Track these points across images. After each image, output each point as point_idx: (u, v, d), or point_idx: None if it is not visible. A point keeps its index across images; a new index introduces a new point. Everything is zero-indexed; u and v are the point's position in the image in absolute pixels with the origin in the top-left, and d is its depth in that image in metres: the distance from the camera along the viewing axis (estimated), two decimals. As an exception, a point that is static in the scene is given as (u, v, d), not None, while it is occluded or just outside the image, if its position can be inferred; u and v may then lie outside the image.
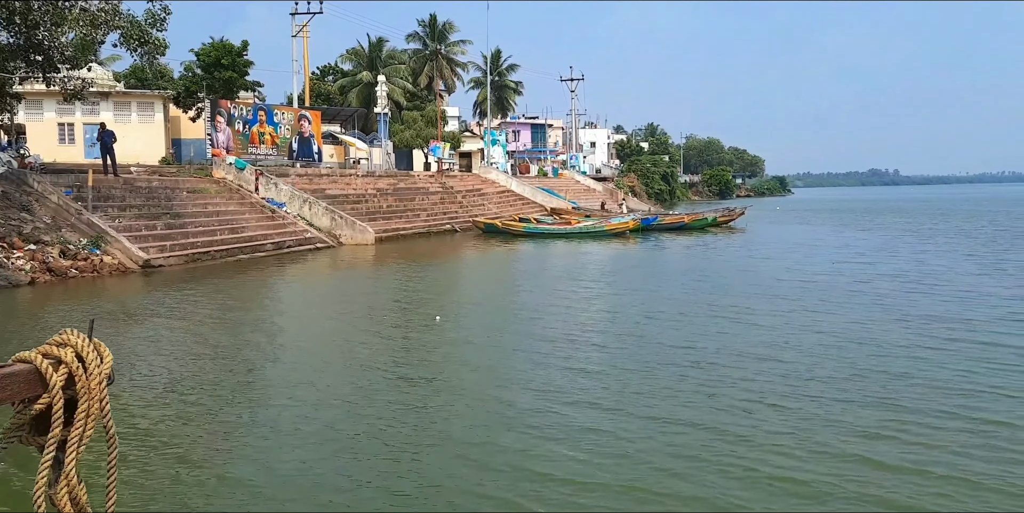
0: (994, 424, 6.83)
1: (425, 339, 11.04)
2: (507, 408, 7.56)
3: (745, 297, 14.17)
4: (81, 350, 1.78)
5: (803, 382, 8.27)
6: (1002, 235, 30.77)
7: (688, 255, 24.71)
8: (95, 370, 1.78)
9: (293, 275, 19.74)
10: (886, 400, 7.54)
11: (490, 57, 71.42)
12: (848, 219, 46.51)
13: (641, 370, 8.89)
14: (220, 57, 36.60)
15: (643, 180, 77.86)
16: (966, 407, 7.32)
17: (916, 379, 8.26)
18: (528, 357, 9.69)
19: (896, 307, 12.87)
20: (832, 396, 7.71)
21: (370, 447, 6.47)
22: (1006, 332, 10.66)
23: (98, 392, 1.79)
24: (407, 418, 7.24)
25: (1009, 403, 7.43)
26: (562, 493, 5.49)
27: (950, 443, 6.34)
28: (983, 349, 9.67)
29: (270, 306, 14.79)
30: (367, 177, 36.26)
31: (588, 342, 10.59)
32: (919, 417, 7.00)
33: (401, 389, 8.28)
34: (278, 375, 9.03)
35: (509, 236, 31.90)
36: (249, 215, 25.02)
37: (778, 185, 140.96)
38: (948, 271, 18.18)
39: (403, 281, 18.32)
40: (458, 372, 9.09)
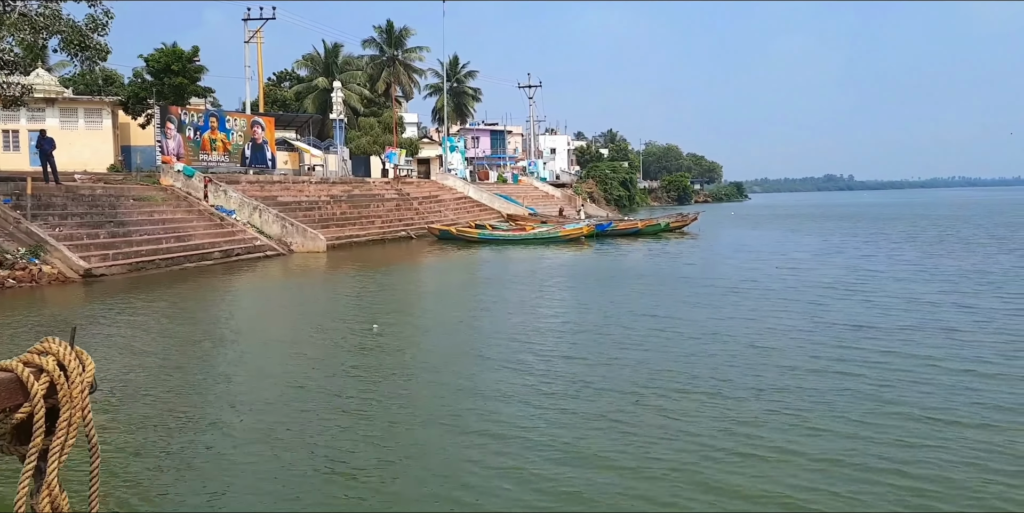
0: (851, 438, 7.00)
1: (359, 349, 10.93)
2: (433, 413, 7.57)
3: (673, 305, 14.22)
4: (63, 358, 1.76)
5: (707, 397, 8.40)
6: (945, 239, 31.58)
7: (636, 261, 24.93)
8: (77, 378, 1.76)
9: (237, 284, 19.50)
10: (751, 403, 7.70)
11: (448, 63, 71.50)
12: (799, 224, 47.39)
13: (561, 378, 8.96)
14: (170, 63, 36.05)
15: (602, 186, 78.44)
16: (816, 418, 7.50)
17: (809, 392, 8.13)
18: (459, 369, 9.70)
19: (818, 314, 12.86)
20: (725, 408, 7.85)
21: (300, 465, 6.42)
22: (913, 341, 10.69)
23: (80, 401, 1.77)
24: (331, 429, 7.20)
25: (884, 416, 7.63)
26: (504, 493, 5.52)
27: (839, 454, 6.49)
28: (878, 360, 9.47)
29: (207, 316, 14.57)
30: (321, 184, 36.00)
31: (521, 350, 10.63)
32: (784, 417, 7.17)
33: (318, 401, 8.23)
34: (215, 386, 8.92)
35: (464, 242, 31.92)
36: (197, 223, 24.68)
37: (735, 191, 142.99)
38: (880, 276, 18.41)
39: (347, 289, 18.20)
40: (390, 386, 9.07)
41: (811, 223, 48.43)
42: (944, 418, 7.13)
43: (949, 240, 30.81)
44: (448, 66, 71.34)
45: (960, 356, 9.54)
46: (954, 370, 8.87)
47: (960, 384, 8.29)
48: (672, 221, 37.65)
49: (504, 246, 30.82)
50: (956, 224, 43.35)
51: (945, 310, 13.01)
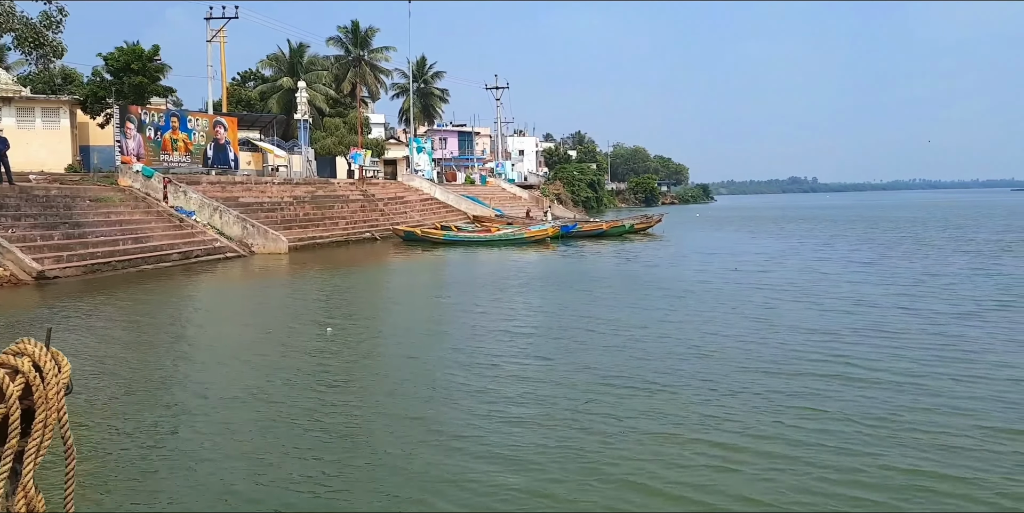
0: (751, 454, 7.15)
1: (308, 353, 10.83)
2: (376, 418, 7.57)
3: (625, 308, 14.21)
4: (38, 359, 1.74)
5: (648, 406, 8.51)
6: (902, 241, 32.21)
7: (597, 263, 25.09)
8: (53, 380, 1.74)
9: (193, 286, 19.27)
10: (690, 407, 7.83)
11: (415, 64, 71.29)
12: (761, 226, 48.01)
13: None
14: (130, 62, 35.49)
15: (569, 188, 78.73)
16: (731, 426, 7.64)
17: (743, 394, 8.27)
18: (408, 373, 9.71)
19: (764, 316, 12.90)
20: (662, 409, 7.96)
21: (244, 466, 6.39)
22: (852, 343, 10.76)
23: (56, 402, 1.75)
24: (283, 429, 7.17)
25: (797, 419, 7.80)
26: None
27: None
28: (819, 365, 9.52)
29: (157, 319, 14.35)
30: (284, 185, 35.72)
31: (470, 353, 10.67)
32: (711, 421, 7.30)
33: (253, 408, 8.20)
34: (161, 390, 8.83)
35: (429, 244, 31.87)
36: (155, 224, 24.35)
37: (701, 192, 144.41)
38: (832, 278, 18.54)
39: (305, 292, 18.09)
40: (335, 393, 9.04)
41: (773, 225, 49.12)
42: (865, 421, 7.30)
43: (906, 242, 31.43)
44: (415, 67, 71.17)
45: (893, 359, 9.73)
46: (886, 374, 9.07)
47: (884, 388, 8.48)
48: (637, 223, 37.94)
49: (469, 247, 30.83)
50: (913, 226, 44.26)
51: (889, 313, 13.14)
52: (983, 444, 6.53)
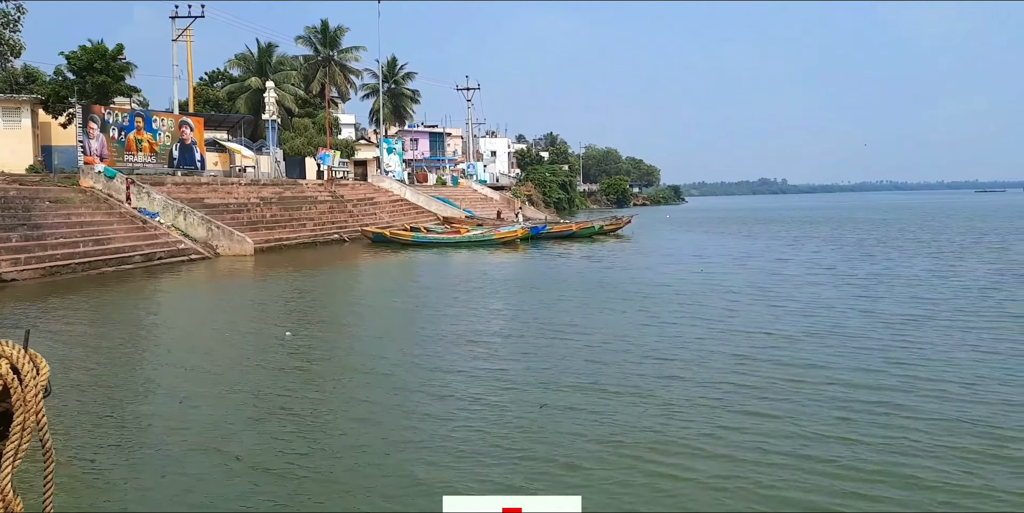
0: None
1: (265, 357, 10.73)
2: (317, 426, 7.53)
3: (582, 311, 14.30)
4: (16, 361, 1.72)
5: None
6: (864, 242, 32.66)
7: (562, 265, 25.19)
8: (31, 382, 1.72)
9: (153, 289, 19.00)
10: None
11: (386, 64, 70.95)
12: (728, 227, 48.38)
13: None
14: (93, 61, 34.98)
15: (540, 189, 78.88)
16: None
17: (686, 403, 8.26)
18: (363, 377, 9.67)
19: (718, 319, 12.85)
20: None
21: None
22: (802, 348, 10.83)
23: (34, 404, 1.73)
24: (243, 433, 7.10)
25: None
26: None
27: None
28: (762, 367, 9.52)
29: (115, 322, 14.13)
30: (251, 185, 35.38)
31: (422, 355, 10.64)
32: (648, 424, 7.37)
33: (197, 412, 8.12)
34: (119, 392, 8.70)
35: (398, 245, 31.74)
36: (117, 226, 23.99)
37: (673, 194, 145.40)
38: (791, 280, 18.64)
39: (267, 294, 17.97)
40: (287, 400, 8.98)
41: (740, 226, 49.53)
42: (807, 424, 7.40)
43: (868, 242, 31.84)
44: (386, 67, 70.82)
45: (843, 363, 9.84)
46: (836, 375, 9.19)
47: (840, 389, 8.60)
48: (606, 224, 38.12)
49: (438, 249, 30.76)
50: (878, 227, 44.88)
51: (844, 315, 13.13)
52: (932, 442, 6.65)
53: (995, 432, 6.88)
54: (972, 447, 6.51)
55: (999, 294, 15.55)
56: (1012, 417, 7.31)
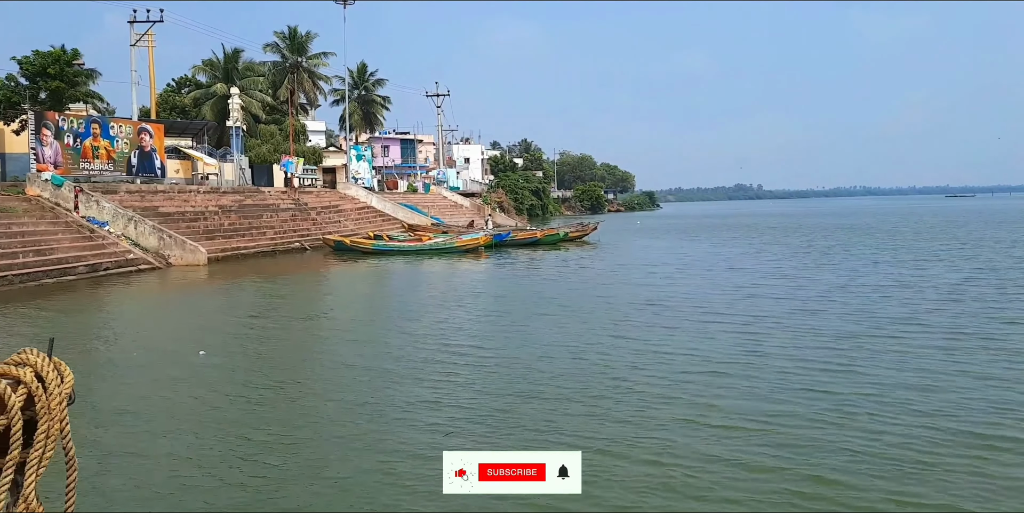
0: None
1: (168, 379, 10.15)
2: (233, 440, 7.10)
3: (509, 325, 14.01)
4: (41, 369, 1.74)
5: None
6: (830, 250, 32.57)
7: (516, 274, 24.81)
8: (55, 390, 1.74)
9: (87, 302, 18.28)
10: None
11: (356, 71, 70.41)
12: (696, 235, 48.12)
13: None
14: (46, 66, 34.27)
15: (512, 195, 78.59)
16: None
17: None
18: (275, 398, 9.24)
19: (647, 337, 12.25)
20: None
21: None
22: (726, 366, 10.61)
23: (59, 413, 1.75)
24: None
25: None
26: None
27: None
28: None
29: (26, 336, 13.50)
30: (210, 193, 34.73)
31: (330, 371, 10.23)
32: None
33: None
34: None
35: (359, 254, 31.25)
36: (62, 235, 23.31)
37: (647, 200, 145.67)
38: (740, 291, 18.03)
39: (201, 308, 17.45)
40: (201, 416, 8.53)
41: (707, 233, 49.23)
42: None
43: (833, 250, 31.49)
44: (356, 73, 70.29)
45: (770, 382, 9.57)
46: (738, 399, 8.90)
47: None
48: (571, 231, 37.85)
49: (398, 257, 30.31)
50: (845, 234, 44.94)
51: (782, 332, 12.42)
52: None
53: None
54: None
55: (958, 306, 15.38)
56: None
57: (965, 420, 7.55)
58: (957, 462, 6.42)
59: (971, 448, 6.76)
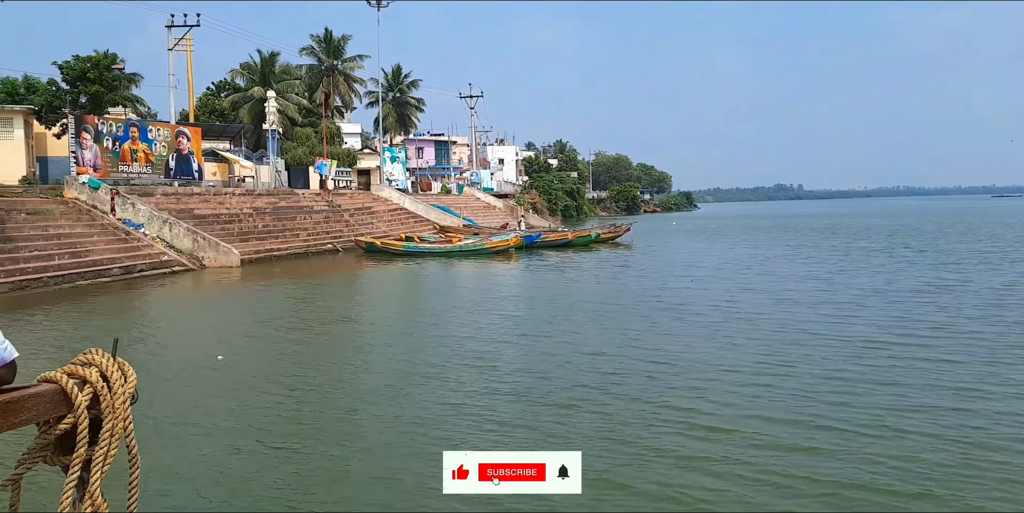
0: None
1: (192, 381, 10.19)
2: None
3: (534, 325, 13.85)
4: (105, 369, 1.79)
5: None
6: (871, 253, 31.80)
7: (545, 276, 24.60)
8: (119, 389, 1.79)
9: (118, 303, 18.33)
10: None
11: (391, 73, 70.83)
12: (732, 235, 47.43)
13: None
14: (86, 70, 34.94)
15: (545, 196, 78.30)
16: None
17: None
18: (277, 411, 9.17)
19: (669, 347, 11.70)
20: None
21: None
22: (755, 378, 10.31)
23: (122, 411, 1.80)
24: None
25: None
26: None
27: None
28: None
29: (49, 338, 13.63)
30: (245, 196, 35.10)
31: (343, 383, 10.12)
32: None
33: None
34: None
35: (390, 255, 31.31)
36: (98, 238, 23.68)
37: (684, 200, 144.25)
38: (768, 296, 17.40)
39: (229, 310, 17.48)
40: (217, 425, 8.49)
41: (742, 235, 48.44)
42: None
43: (872, 253, 30.60)
44: (391, 76, 70.71)
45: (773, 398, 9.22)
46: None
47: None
48: (604, 232, 37.52)
49: (428, 259, 30.29)
50: (885, 235, 43.92)
51: (808, 340, 11.75)
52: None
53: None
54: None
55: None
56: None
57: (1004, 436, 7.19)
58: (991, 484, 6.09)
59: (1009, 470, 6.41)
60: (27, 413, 1.71)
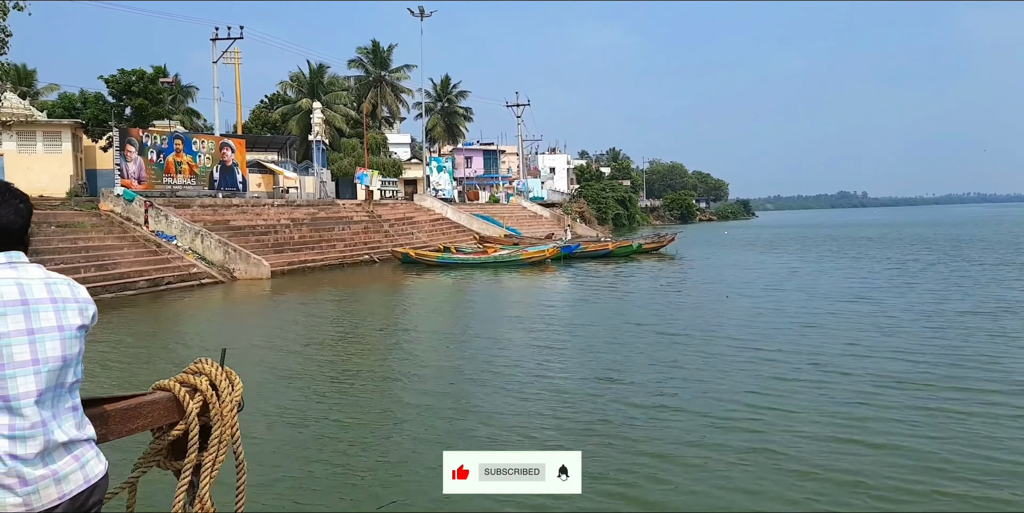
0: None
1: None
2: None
3: (545, 348, 13.07)
4: (215, 378, 1.91)
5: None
6: (928, 268, 29.98)
7: (574, 289, 23.69)
8: (227, 397, 1.91)
9: (128, 317, 17.99)
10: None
11: (439, 83, 70.96)
12: (785, 247, 45.31)
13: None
14: (131, 84, 35.53)
15: (594, 205, 77.18)
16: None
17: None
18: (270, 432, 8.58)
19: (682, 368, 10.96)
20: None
21: None
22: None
23: (230, 419, 1.90)
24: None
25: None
26: None
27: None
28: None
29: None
30: (283, 207, 35.13)
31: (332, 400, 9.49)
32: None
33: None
34: None
35: (424, 267, 30.83)
36: (128, 250, 23.75)
37: (741, 209, 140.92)
38: (807, 317, 15.97)
39: (244, 325, 17.08)
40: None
41: (796, 245, 46.23)
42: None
43: (933, 267, 28.22)
44: (439, 86, 70.83)
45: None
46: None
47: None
48: (646, 242, 36.42)
49: (462, 270, 29.68)
50: (953, 246, 41.60)
51: (832, 374, 10.23)
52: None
53: None
54: None
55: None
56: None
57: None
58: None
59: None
60: (144, 419, 1.84)
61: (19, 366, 1.73)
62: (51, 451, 1.74)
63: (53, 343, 1.79)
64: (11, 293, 1.80)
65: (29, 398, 1.72)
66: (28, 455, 1.70)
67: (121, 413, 1.79)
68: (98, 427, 1.80)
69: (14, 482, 1.69)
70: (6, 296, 1.78)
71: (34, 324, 1.79)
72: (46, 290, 1.90)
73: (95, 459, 1.81)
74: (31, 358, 1.75)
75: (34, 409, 1.72)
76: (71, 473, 1.75)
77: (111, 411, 1.81)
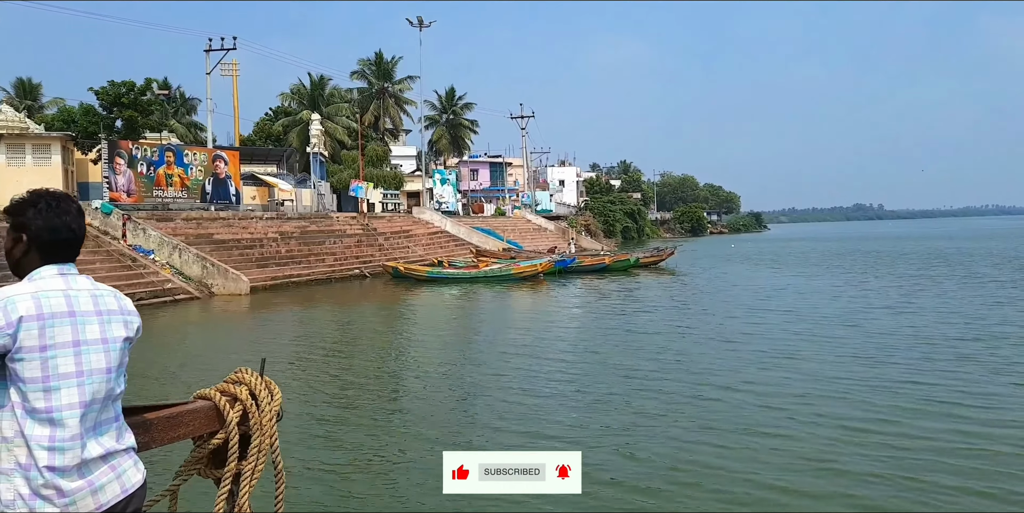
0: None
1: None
2: None
3: (503, 372, 12.18)
4: (254, 388, 1.94)
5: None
6: (942, 285, 28.77)
7: (558, 306, 22.80)
8: (267, 407, 1.93)
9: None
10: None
11: (444, 96, 70.39)
12: (790, 262, 43.81)
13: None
14: (120, 95, 35.10)
15: (601, 218, 76.14)
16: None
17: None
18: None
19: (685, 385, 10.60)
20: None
21: None
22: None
23: (269, 428, 1.92)
24: None
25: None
26: None
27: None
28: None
29: None
30: (272, 220, 34.42)
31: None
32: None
33: None
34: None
35: (414, 282, 29.96)
36: (100, 265, 23.04)
37: (753, 221, 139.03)
38: (790, 346, 14.93)
39: (196, 348, 16.21)
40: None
41: (801, 260, 44.54)
42: None
43: (943, 285, 26.72)
44: (444, 98, 70.28)
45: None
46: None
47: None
48: (644, 257, 35.44)
49: (451, 286, 28.77)
50: (971, 261, 40.16)
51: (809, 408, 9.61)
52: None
53: None
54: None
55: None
56: None
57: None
58: None
59: None
60: (185, 428, 1.88)
61: (63, 378, 1.78)
62: (88, 462, 1.78)
63: (98, 356, 1.83)
64: (59, 305, 1.83)
65: (72, 410, 1.77)
66: (66, 466, 1.75)
67: (163, 422, 1.84)
68: (140, 435, 1.83)
69: (52, 494, 1.73)
70: (55, 308, 1.81)
71: (80, 336, 1.82)
72: (92, 302, 1.91)
73: (133, 468, 1.85)
74: (75, 370, 1.79)
75: (76, 421, 1.77)
76: (107, 484, 1.79)
77: (153, 420, 1.85)
